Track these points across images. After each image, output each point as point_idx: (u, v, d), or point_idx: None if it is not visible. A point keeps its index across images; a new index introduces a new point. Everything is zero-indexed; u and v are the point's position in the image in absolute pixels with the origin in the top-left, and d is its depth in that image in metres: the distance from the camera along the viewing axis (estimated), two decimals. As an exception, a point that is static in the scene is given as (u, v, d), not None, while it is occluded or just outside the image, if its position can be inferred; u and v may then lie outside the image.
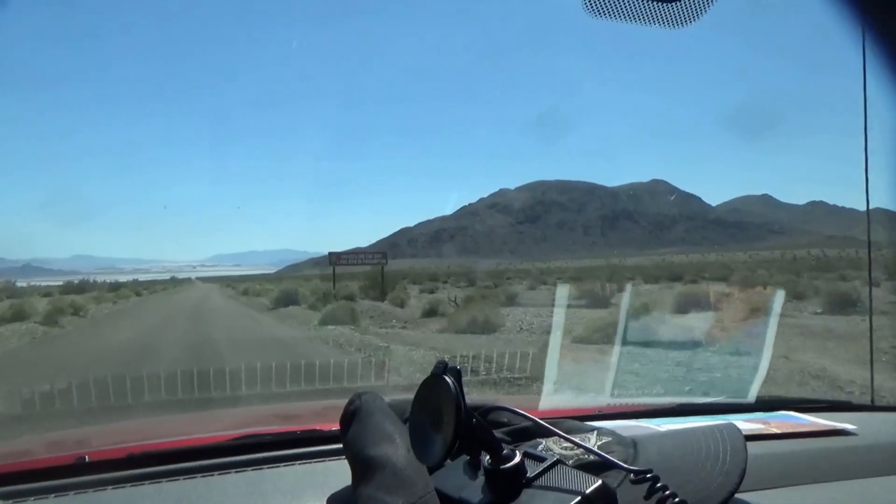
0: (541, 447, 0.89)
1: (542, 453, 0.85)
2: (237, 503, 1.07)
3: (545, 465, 0.80)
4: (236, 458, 1.20)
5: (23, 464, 1.22)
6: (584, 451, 0.86)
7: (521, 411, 0.94)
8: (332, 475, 1.04)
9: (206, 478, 1.15)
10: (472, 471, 0.84)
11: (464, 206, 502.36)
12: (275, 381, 6.23)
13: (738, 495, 0.80)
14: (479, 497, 0.79)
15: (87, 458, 1.17)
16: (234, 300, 36.44)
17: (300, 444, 1.26)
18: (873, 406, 1.72)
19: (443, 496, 0.80)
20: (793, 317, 15.05)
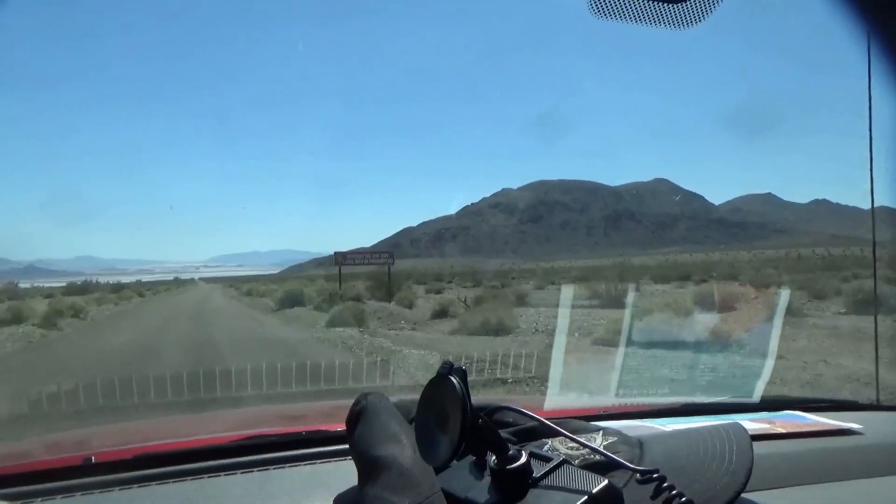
0: (546, 447, 0.89)
1: (547, 453, 0.85)
2: None
3: (551, 465, 0.80)
4: (242, 458, 1.21)
5: (30, 465, 1.22)
6: (590, 451, 0.86)
7: (527, 411, 0.94)
8: (338, 475, 1.04)
9: (213, 478, 1.15)
10: (478, 471, 0.84)
11: (466, 206, 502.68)
12: (280, 383, 6.20)
13: (743, 495, 0.80)
14: (485, 497, 0.79)
15: (93, 459, 1.17)
16: (237, 301, 36.23)
17: (306, 444, 1.26)
18: (879, 405, 1.71)
19: (449, 496, 0.80)
20: (818, 317, 14.52)
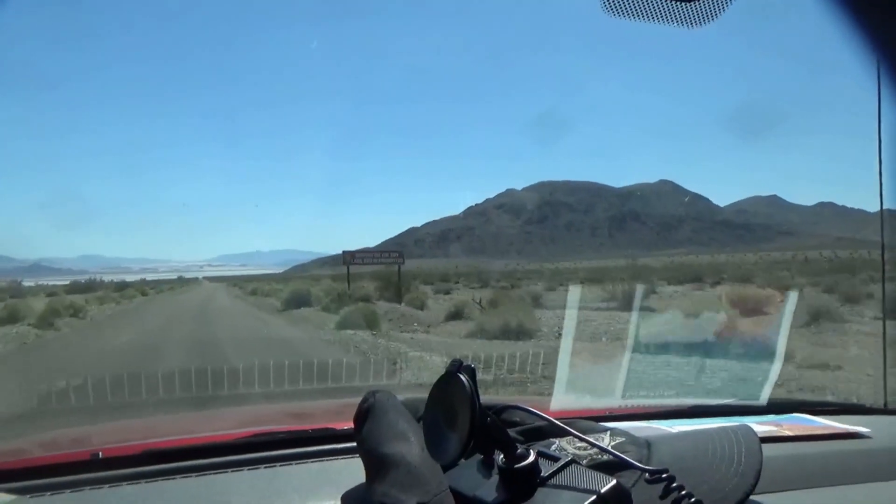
0: (554, 447, 0.89)
1: (555, 453, 0.85)
2: (251, 500, 1.08)
3: (559, 464, 0.81)
4: (250, 455, 1.21)
5: (39, 459, 1.24)
6: (599, 451, 0.86)
7: (536, 411, 0.94)
8: (345, 473, 1.05)
9: (220, 475, 1.16)
10: (486, 470, 0.84)
11: (471, 207, 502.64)
12: (287, 381, 6.17)
13: (752, 497, 0.79)
14: (493, 496, 0.80)
15: (100, 454, 1.18)
16: (241, 300, 36.07)
17: (314, 442, 1.27)
18: (886, 409, 1.70)
19: (457, 494, 0.81)
20: (859, 322, 13.66)
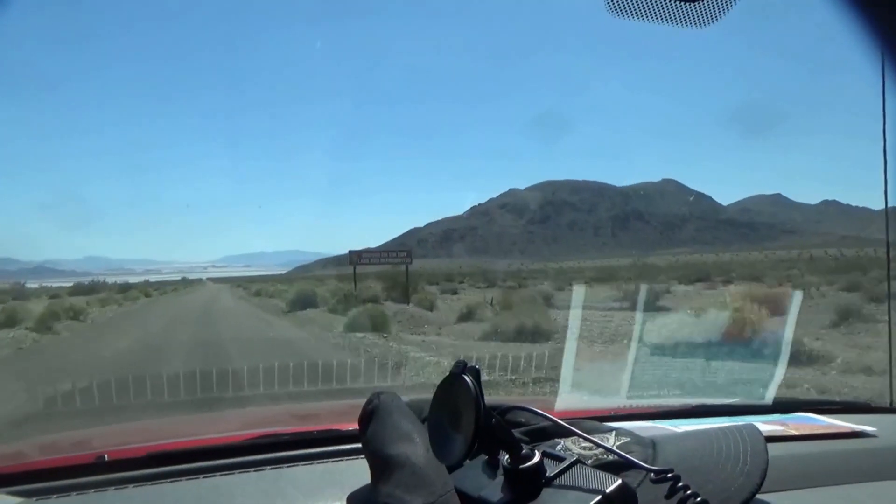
0: (559, 447, 0.89)
1: (560, 453, 0.85)
2: (257, 502, 1.08)
3: (565, 464, 0.80)
4: (255, 457, 1.21)
5: (45, 462, 1.24)
6: (604, 451, 0.86)
7: (540, 411, 0.94)
8: (350, 474, 1.05)
9: (225, 477, 1.16)
10: (491, 470, 0.84)
11: (474, 206, 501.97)
12: (292, 382, 6.12)
13: (757, 496, 0.79)
14: (498, 496, 0.79)
15: (106, 456, 1.18)
16: (245, 301, 35.90)
17: (318, 443, 1.27)
18: (892, 408, 1.70)
19: (462, 495, 0.80)
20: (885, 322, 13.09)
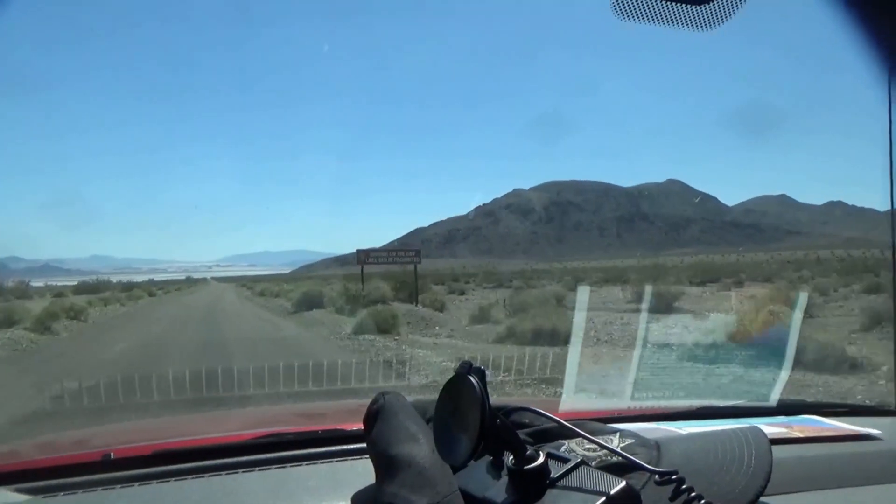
0: (563, 448, 0.89)
1: (565, 454, 0.85)
2: (261, 501, 1.09)
3: (569, 465, 0.80)
4: (260, 456, 1.22)
5: (51, 460, 1.25)
6: (608, 453, 0.86)
7: (545, 412, 0.94)
8: (355, 474, 1.05)
9: (230, 476, 1.16)
10: (496, 471, 0.84)
11: (478, 207, 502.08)
12: (297, 382, 6.12)
13: (762, 499, 0.79)
14: (502, 497, 0.79)
15: (112, 455, 1.19)
16: (250, 301, 35.75)
17: (324, 443, 1.27)
18: None
19: (466, 496, 0.80)
20: None
